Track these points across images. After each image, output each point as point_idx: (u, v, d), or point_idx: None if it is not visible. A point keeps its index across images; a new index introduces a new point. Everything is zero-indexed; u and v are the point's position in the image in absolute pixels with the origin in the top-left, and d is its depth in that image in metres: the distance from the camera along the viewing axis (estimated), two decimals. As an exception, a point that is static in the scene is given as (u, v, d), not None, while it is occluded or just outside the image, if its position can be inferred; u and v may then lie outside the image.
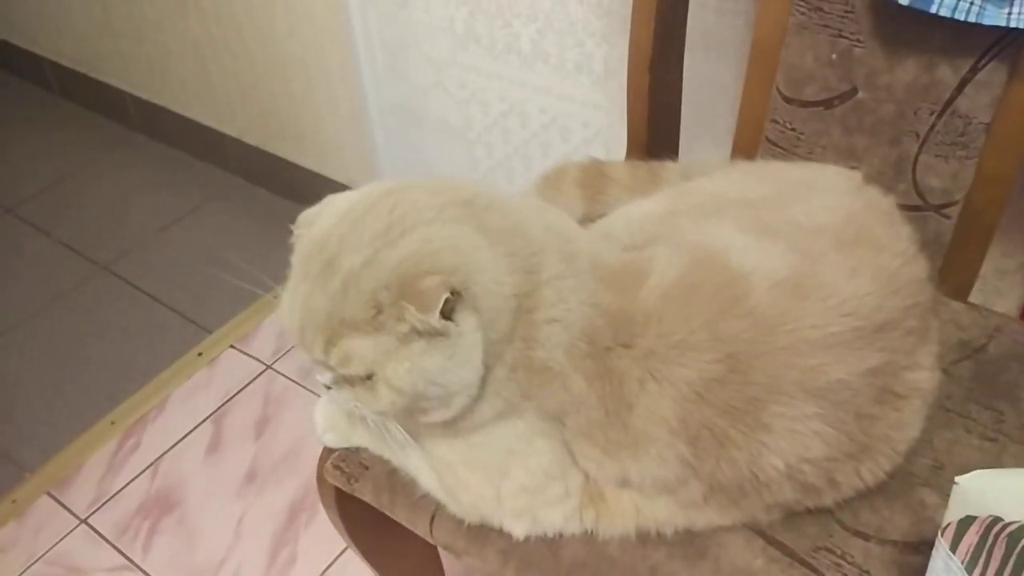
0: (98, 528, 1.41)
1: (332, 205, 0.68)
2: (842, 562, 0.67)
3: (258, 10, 1.66)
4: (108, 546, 1.38)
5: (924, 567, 0.63)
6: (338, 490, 0.82)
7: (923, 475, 0.71)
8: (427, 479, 0.73)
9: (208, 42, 1.83)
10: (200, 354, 1.68)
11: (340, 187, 0.69)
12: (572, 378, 0.64)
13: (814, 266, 0.65)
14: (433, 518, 0.74)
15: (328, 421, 0.80)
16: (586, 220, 0.89)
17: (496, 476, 0.69)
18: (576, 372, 0.64)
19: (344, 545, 1.33)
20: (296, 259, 0.66)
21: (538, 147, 1.41)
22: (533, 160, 1.45)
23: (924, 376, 0.67)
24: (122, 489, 1.46)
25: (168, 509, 1.42)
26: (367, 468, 0.79)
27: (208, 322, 1.74)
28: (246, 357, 1.67)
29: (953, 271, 0.86)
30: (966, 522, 0.52)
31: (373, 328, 0.59)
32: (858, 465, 0.66)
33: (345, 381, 0.63)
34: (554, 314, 0.63)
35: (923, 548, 0.66)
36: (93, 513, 1.43)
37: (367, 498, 0.78)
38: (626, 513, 0.68)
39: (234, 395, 1.60)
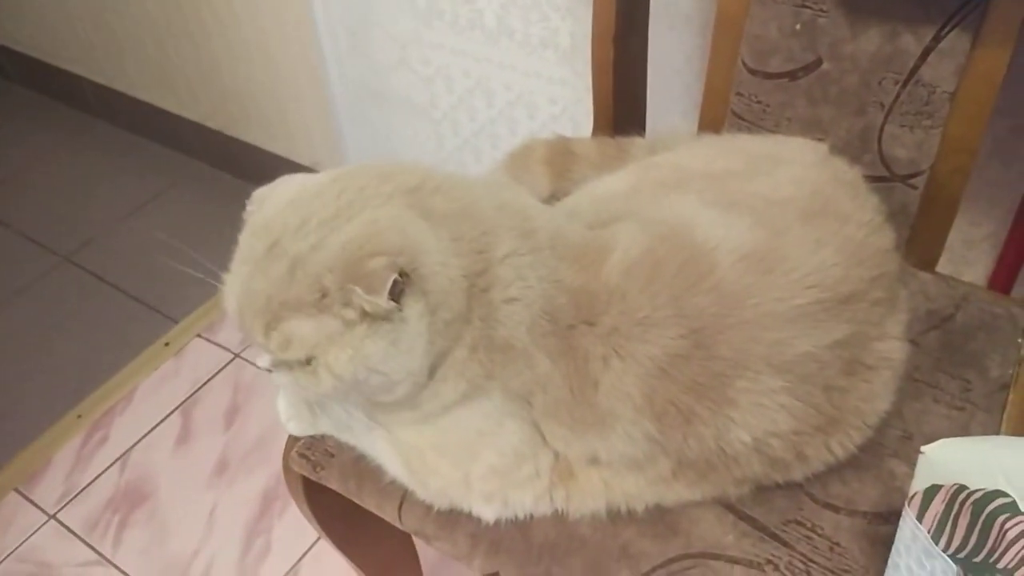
0: (67, 523, 1.38)
1: (283, 187, 0.67)
2: (812, 535, 0.66)
3: (216, -9, 1.62)
4: (78, 541, 1.35)
5: (893, 537, 0.63)
6: (306, 479, 0.81)
7: (892, 446, 0.71)
8: (394, 465, 0.72)
9: (167, 26, 1.79)
10: (167, 344, 1.65)
11: (306, 169, 0.69)
12: (536, 356, 0.63)
13: (779, 239, 0.64)
14: (402, 504, 0.73)
15: (291, 409, 0.79)
16: (553, 198, 0.87)
17: (465, 459, 0.68)
18: (539, 350, 0.63)
19: (316, 535, 1.32)
20: (242, 239, 0.64)
21: (505, 124, 1.40)
22: (500, 138, 1.44)
23: (894, 346, 0.67)
24: (91, 483, 1.44)
25: (138, 502, 1.40)
26: (333, 455, 0.77)
27: (174, 311, 1.71)
28: (214, 346, 1.64)
29: (920, 241, 0.86)
30: (932, 491, 0.52)
31: (317, 311, 0.58)
32: (827, 438, 0.65)
33: (285, 365, 0.61)
34: (512, 293, 0.62)
35: (892, 518, 0.66)
36: (62, 508, 1.40)
37: (334, 485, 0.77)
38: (596, 491, 0.68)
39: (202, 385, 1.57)
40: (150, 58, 1.91)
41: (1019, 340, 0.78)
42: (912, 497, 0.54)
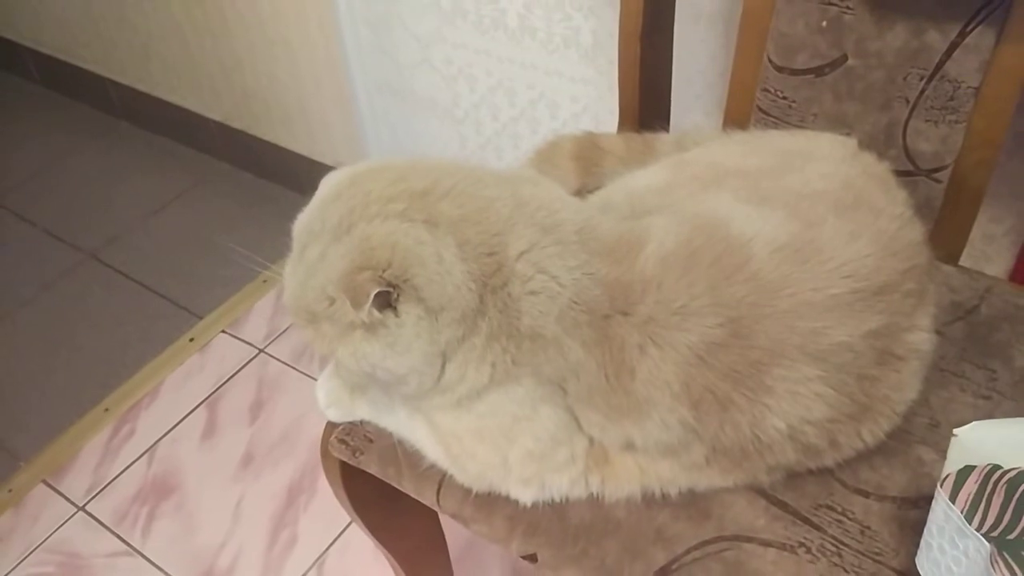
0: (96, 515, 1.41)
1: (325, 184, 0.70)
2: (843, 519, 0.68)
3: (241, -8, 1.65)
4: (107, 532, 1.38)
5: (922, 521, 0.64)
6: (343, 465, 0.83)
7: (920, 433, 0.72)
8: (433, 450, 0.74)
9: (191, 26, 1.82)
10: (192, 340, 1.68)
11: (327, 168, 0.71)
12: (568, 346, 0.65)
13: (814, 231, 0.66)
14: (440, 488, 0.75)
15: (330, 396, 0.81)
16: (582, 192, 0.89)
17: (503, 444, 0.69)
18: (572, 340, 0.65)
19: (343, 525, 1.34)
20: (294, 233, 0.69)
21: (526, 123, 1.42)
22: (522, 137, 1.46)
23: (922, 337, 0.68)
24: (119, 476, 1.46)
25: (166, 494, 1.42)
26: (372, 441, 0.79)
27: (199, 307, 1.74)
28: (238, 341, 1.67)
29: (944, 235, 0.87)
30: (965, 472, 0.54)
31: (326, 317, 0.63)
32: (858, 426, 0.67)
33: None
34: (533, 286, 0.64)
35: (921, 503, 0.68)
36: (91, 500, 1.43)
37: (373, 470, 0.79)
38: (631, 475, 0.70)
39: (227, 380, 1.60)
40: (174, 58, 1.94)
41: (1042, 331, 0.79)
42: (944, 479, 0.56)
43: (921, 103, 0.83)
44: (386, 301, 0.62)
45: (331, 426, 0.83)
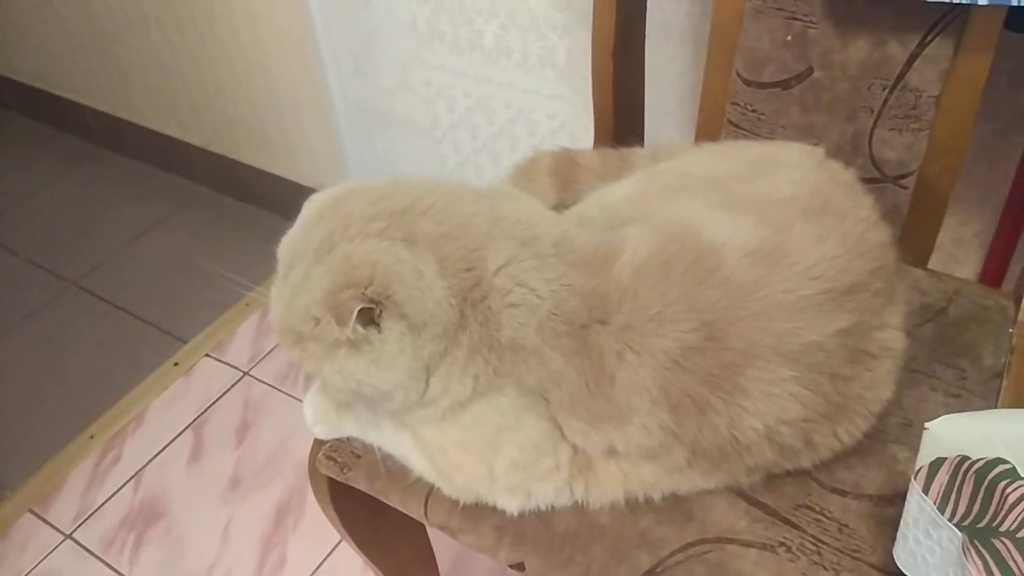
0: (83, 542, 1.40)
1: (308, 206, 0.72)
2: (821, 518, 0.70)
3: (219, 18, 1.67)
4: (95, 560, 1.37)
5: (899, 516, 0.66)
6: (331, 482, 0.84)
7: (894, 433, 0.74)
8: (420, 464, 0.75)
9: (170, 52, 1.84)
10: (176, 364, 1.68)
11: (309, 191, 0.74)
12: (548, 356, 0.66)
13: (783, 235, 0.68)
14: (427, 501, 0.76)
15: (317, 414, 0.82)
16: (560, 207, 0.91)
17: (488, 454, 0.71)
18: (552, 350, 0.66)
19: (332, 545, 1.34)
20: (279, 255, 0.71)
21: (505, 141, 1.44)
22: (501, 155, 1.48)
23: (894, 336, 0.70)
24: (105, 502, 1.46)
25: (153, 520, 1.42)
26: (359, 457, 0.80)
27: (182, 332, 1.74)
28: (222, 365, 1.67)
29: (912, 240, 0.90)
30: (936, 464, 0.56)
31: (312, 337, 0.65)
32: (834, 426, 0.69)
33: None
34: (512, 299, 0.66)
35: (897, 500, 0.70)
36: (78, 528, 1.42)
37: (361, 486, 0.80)
38: (614, 481, 0.71)
39: (212, 403, 1.60)
40: (153, 85, 1.95)
41: (1010, 331, 0.82)
42: (918, 472, 0.57)
43: (885, 112, 0.86)
44: (369, 318, 0.63)
45: (318, 444, 0.84)
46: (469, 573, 1.28)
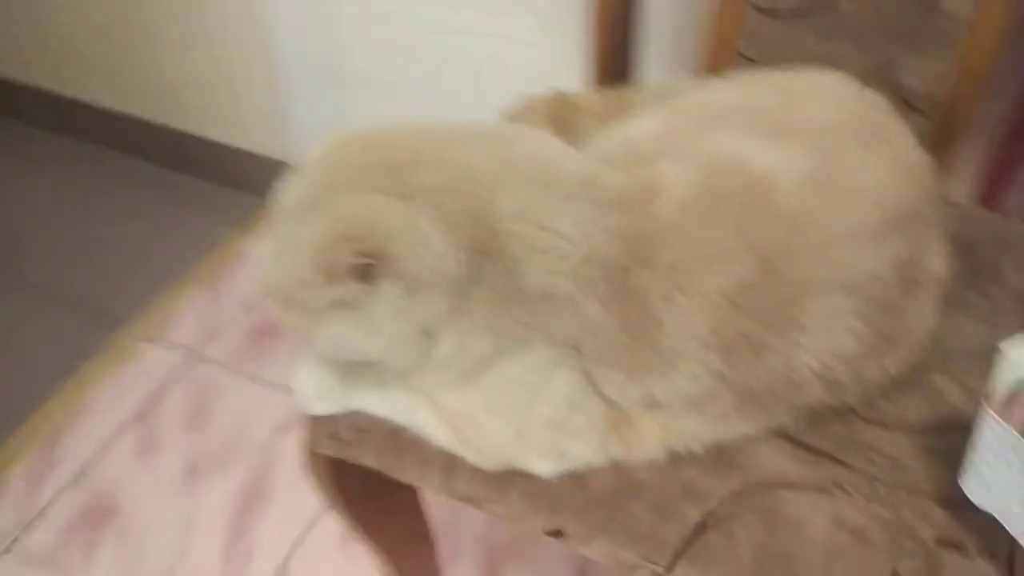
0: (30, 549, 1.29)
1: (305, 160, 0.66)
2: (871, 453, 0.67)
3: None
4: (43, 569, 1.26)
5: (947, 448, 0.64)
6: (331, 461, 0.77)
7: (932, 362, 0.71)
8: (439, 433, 0.69)
9: (105, 22, 1.68)
10: (116, 350, 1.56)
11: (262, 160, 0.67)
12: (584, 303, 0.62)
13: (835, 161, 0.64)
14: (447, 472, 0.70)
15: (320, 388, 0.74)
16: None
17: (519, 415, 0.66)
18: (589, 297, 0.62)
19: (304, 528, 1.27)
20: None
21: (477, 95, 1.35)
22: (472, 108, 1.39)
23: (939, 264, 0.68)
24: (48, 505, 1.34)
25: (104, 520, 1.32)
26: (366, 431, 0.73)
27: (120, 315, 1.61)
28: (167, 348, 1.56)
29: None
30: (1019, 388, 0.53)
31: (301, 298, 0.61)
32: (884, 359, 0.66)
33: None
34: (537, 245, 0.61)
35: (945, 430, 0.67)
36: (21, 535, 1.31)
37: (370, 462, 0.73)
38: (653, 436, 0.66)
39: (160, 389, 1.49)
40: (87, 56, 1.79)
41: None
42: (992, 398, 0.54)
43: (912, 38, 0.82)
44: (362, 275, 0.58)
45: (314, 422, 0.76)
46: (455, 543, 1.23)
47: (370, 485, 0.79)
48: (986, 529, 0.60)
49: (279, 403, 1.44)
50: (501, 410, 0.66)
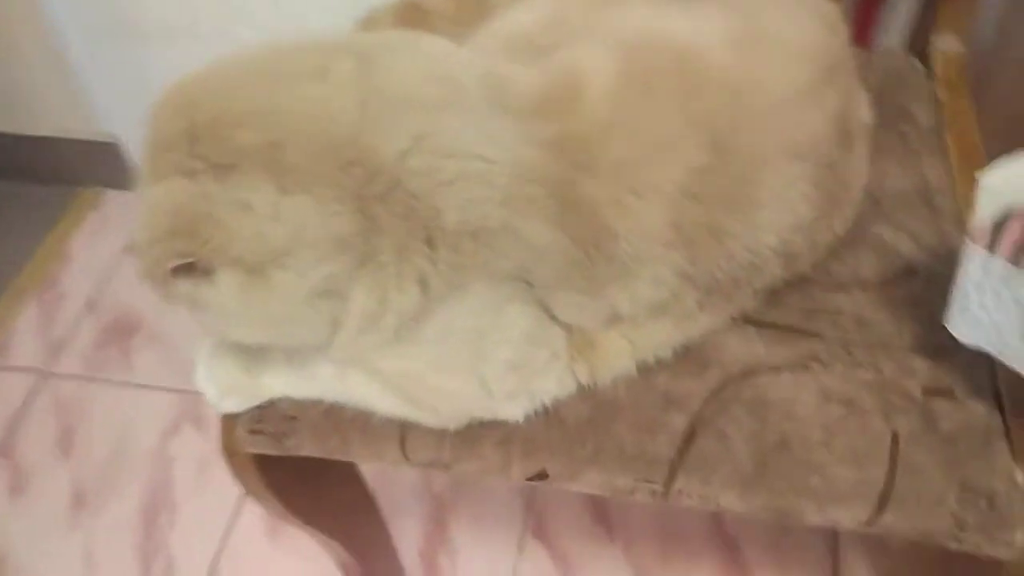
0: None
1: None
2: (836, 317, 0.64)
3: None
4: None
5: (909, 297, 0.62)
6: (258, 459, 0.67)
7: (867, 212, 0.69)
8: (385, 402, 0.61)
9: None
10: (-52, 388, 1.36)
11: (59, 145, 0.56)
12: (525, 229, 0.54)
13: (755, 19, 0.59)
14: (403, 441, 0.62)
15: (223, 383, 0.64)
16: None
17: (475, 364, 0.59)
18: (529, 220, 0.54)
19: (223, 529, 1.16)
20: None
21: (291, 19, 1.22)
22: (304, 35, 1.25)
23: (865, 111, 0.65)
24: (-81, 576, 1.17)
25: (-10, 575, 1.16)
26: (295, 418, 0.64)
27: (-59, 349, 1.41)
28: (10, 373, 1.37)
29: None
30: (1005, 217, 0.50)
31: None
32: (832, 220, 0.63)
33: None
34: (445, 176, 0.53)
35: (899, 279, 0.66)
36: None
37: (310, 451, 0.64)
38: (621, 352, 0.61)
39: (14, 419, 1.31)
40: None
41: (931, 86, 0.79)
42: (975, 232, 0.52)
43: None
44: (191, 272, 0.52)
45: (229, 420, 0.66)
46: (395, 498, 1.16)
47: (302, 469, 0.70)
48: (969, 370, 0.59)
49: (159, 403, 1.30)
50: (451, 364, 0.59)
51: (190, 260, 0.51)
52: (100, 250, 1.51)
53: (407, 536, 1.12)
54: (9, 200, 1.58)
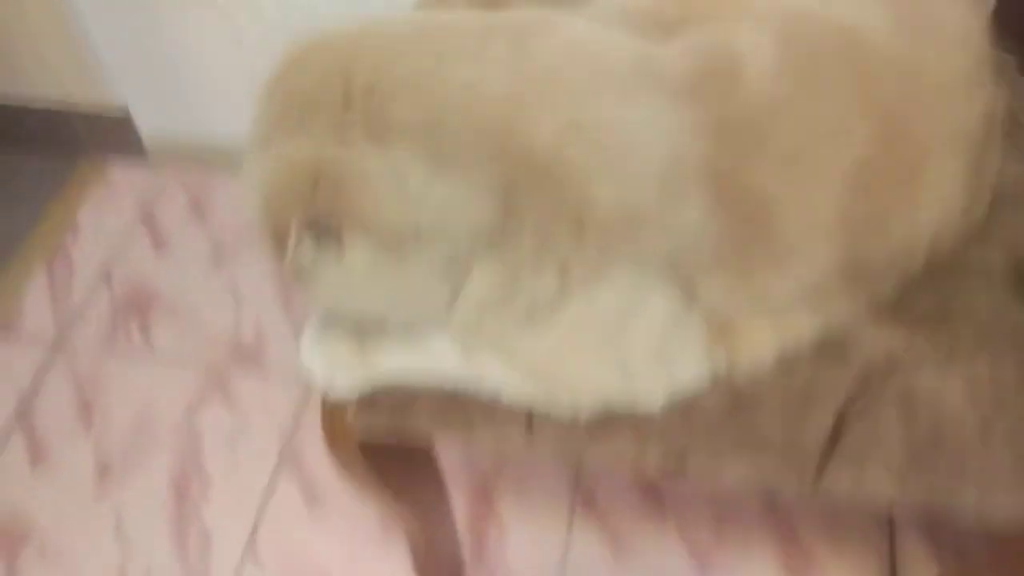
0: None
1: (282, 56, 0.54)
2: (971, 306, 0.62)
3: None
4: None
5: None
6: (365, 448, 0.64)
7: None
8: (516, 386, 0.58)
9: None
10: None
11: (56, 112, 0.52)
12: (679, 215, 0.52)
13: (911, 4, 0.56)
14: (530, 426, 0.59)
15: (335, 361, 0.61)
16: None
17: (615, 351, 0.56)
18: (688, 207, 0.52)
19: (261, 497, 1.13)
20: None
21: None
22: (316, 9, 1.18)
23: (1001, 103, 0.62)
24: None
25: (17, 545, 1.11)
26: (412, 401, 0.61)
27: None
28: (23, 344, 1.31)
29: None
30: None
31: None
32: (976, 208, 0.61)
33: None
34: (595, 163, 0.50)
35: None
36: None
37: (428, 436, 0.62)
38: (763, 339, 0.59)
39: (31, 392, 1.26)
40: None
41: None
42: None
43: None
44: (320, 235, 0.49)
45: (336, 408, 0.63)
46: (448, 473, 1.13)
47: (396, 448, 0.67)
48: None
49: (182, 378, 1.26)
50: (593, 347, 0.56)
51: (326, 223, 0.48)
52: (109, 221, 1.46)
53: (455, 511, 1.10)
54: (14, 170, 1.51)
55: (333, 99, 0.49)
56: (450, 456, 1.15)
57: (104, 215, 1.46)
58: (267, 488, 1.14)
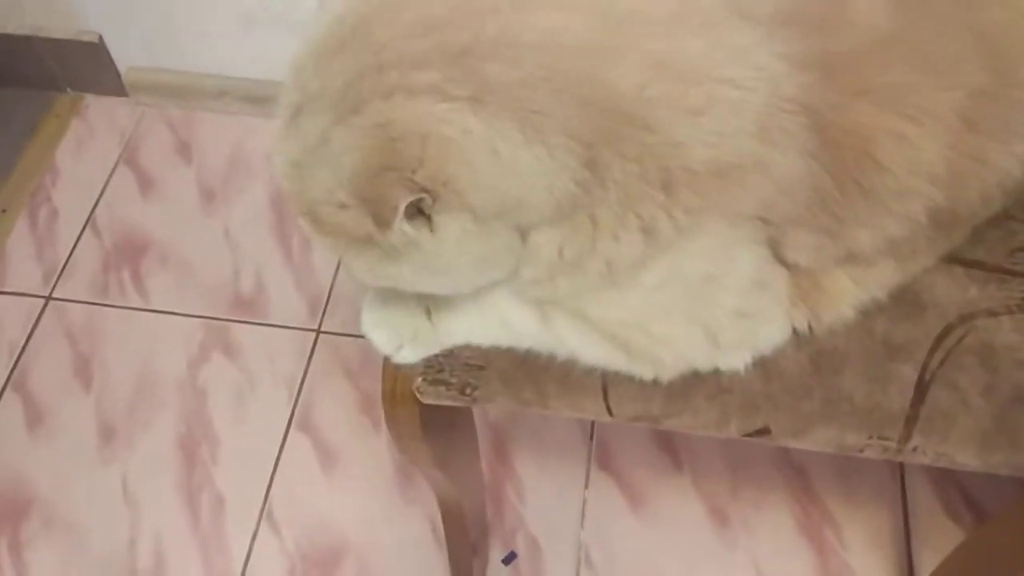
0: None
1: (324, 12, 0.49)
2: (1044, 256, 0.62)
3: None
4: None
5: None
6: (424, 410, 0.62)
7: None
8: (596, 351, 0.56)
9: None
10: (-63, 315, 1.23)
11: (26, 42, 0.46)
12: (777, 163, 0.49)
13: None
14: (606, 393, 0.58)
15: (402, 331, 0.58)
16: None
17: (699, 312, 0.54)
18: (785, 154, 0.49)
19: (273, 459, 1.10)
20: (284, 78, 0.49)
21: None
22: None
23: None
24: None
25: (19, 516, 1.08)
26: (483, 367, 0.59)
27: (-76, 271, 1.27)
28: (7, 296, 1.25)
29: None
30: None
31: (336, 224, 0.47)
32: None
33: None
34: (686, 108, 0.47)
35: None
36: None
37: (500, 403, 0.59)
38: (845, 293, 0.57)
39: (22, 348, 1.20)
40: None
41: None
42: None
43: None
44: (418, 210, 0.46)
45: (402, 372, 0.60)
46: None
47: (447, 414, 0.66)
48: None
49: (181, 329, 1.21)
50: (678, 312, 0.54)
51: (423, 196, 0.45)
52: (90, 162, 1.38)
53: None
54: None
55: (432, 57, 0.44)
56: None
57: (84, 156, 1.38)
58: (278, 450, 1.11)
